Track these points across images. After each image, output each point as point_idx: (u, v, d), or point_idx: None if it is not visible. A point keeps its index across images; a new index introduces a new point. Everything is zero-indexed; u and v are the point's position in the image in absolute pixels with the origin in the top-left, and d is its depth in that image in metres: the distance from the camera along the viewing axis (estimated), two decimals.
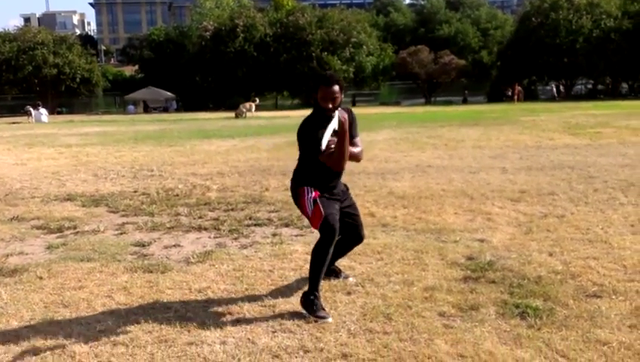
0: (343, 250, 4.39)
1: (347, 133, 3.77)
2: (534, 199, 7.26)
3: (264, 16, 51.56)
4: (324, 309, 3.81)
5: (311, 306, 3.80)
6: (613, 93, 51.66)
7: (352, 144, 3.98)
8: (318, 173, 3.98)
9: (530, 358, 3.13)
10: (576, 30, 49.57)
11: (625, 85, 55.11)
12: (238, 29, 48.60)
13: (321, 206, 3.91)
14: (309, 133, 3.89)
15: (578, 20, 49.83)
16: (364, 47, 50.94)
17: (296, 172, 4.16)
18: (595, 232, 5.63)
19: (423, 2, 77.24)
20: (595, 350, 3.20)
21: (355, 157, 4.07)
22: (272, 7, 56.65)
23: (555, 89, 54.87)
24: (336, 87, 3.82)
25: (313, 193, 3.96)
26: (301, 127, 3.98)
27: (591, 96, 51.89)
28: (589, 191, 7.60)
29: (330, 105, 3.81)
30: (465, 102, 49.32)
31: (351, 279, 4.46)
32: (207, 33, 49.65)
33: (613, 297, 3.94)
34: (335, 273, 4.48)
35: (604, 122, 18.85)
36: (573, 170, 9.39)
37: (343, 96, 3.92)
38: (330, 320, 3.71)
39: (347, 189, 4.33)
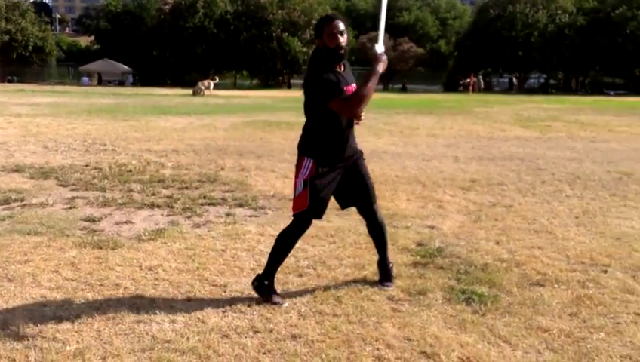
0: (376, 237, 4.06)
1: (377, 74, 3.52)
2: (484, 188, 7.42)
3: None
4: (278, 294, 3.77)
5: (266, 291, 3.74)
6: (564, 88, 53.08)
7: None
8: (326, 137, 3.67)
9: (474, 342, 3.22)
10: (532, 24, 50.65)
11: (576, 81, 56.66)
12: (198, 4, 47.86)
13: (308, 193, 3.63)
14: (323, 78, 3.53)
15: (534, 14, 50.90)
16: None
17: (303, 135, 3.76)
18: (540, 223, 5.81)
19: None
20: (537, 336, 3.31)
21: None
22: None
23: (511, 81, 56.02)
24: (341, 23, 3.56)
25: (309, 170, 3.62)
26: (311, 75, 3.61)
27: (543, 90, 53.21)
28: (536, 183, 7.82)
29: (341, 40, 3.53)
30: (404, 90, 49.65)
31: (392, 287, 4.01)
32: (167, 7, 48.74)
33: (556, 286, 4.08)
34: (386, 275, 4.07)
35: (555, 116, 19.38)
36: (522, 161, 9.63)
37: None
38: (286, 305, 3.68)
39: (361, 154, 3.94)
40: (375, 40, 3.69)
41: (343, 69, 3.70)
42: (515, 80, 56.29)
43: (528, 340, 3.27)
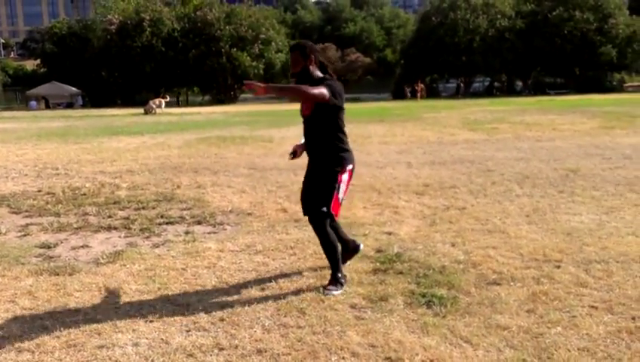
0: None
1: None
2: (437, 192, 7.58)
3: (171, 10, 50.54)
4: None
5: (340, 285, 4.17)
6: (508, 90, 54.53)
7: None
8: (343, 139, 4.34)
9: (437, 345, 3.30)
10: (474, 29, 51.98)
11: (519, 83, 58.28)
12: (144, 23, 47.40)
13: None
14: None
15: (475, 20, 52.24)
16: (273, 43, 51.04)
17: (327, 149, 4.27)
18: (493, 223, 5.97)
19: (328, 0, 78.25)
20: (497, 334, 3.42)
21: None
22: (179, 1, 55.55)
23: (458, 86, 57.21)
24: (296, 52, 4.16)
25: (348, 179, 4.34)
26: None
27: (488, 93, 54.56)
28: (487, 184, 8.03)
29: (292, 70, 4.17)
30: (405, 97, 49.99)
31: (334, 293, 4.18)
32: (113, 27, 48.09)
33: (512, 284, 4.21)
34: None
35: (501, 118, 19.90)
36: (472, 164, 9.87)
37: (315, 58, 4.17)
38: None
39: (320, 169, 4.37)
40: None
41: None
42: (461, 84, 57.56)
43: (489, 339, 3.37)
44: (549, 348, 3.24)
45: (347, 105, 4.51)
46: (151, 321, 3.72)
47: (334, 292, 4.09)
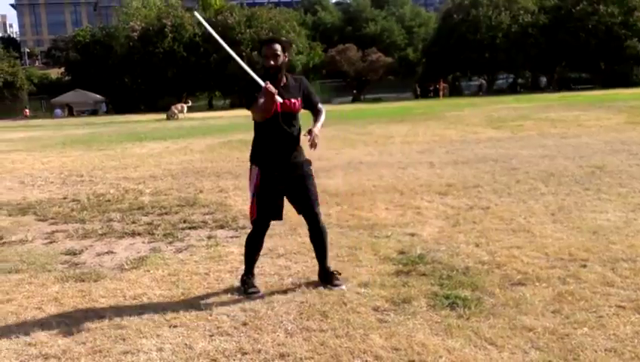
0: (315, 245, 4.39)
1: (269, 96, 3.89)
2: (460, 192, 7.52)
3: (192, 15, 50.91)
4: (254, 286, 4.23)
5: (246, 284, 4.23)
6: (532, 87, 53.93)
7: (317, 111, 4.31)
8: (266, 142, 4.14)
9: (461, 347, 3.27)
10: (496, 26, 51.52)
11: (543, 79, 57.61)
12: (166, 29, 47.91)
13: (256, 202, 4.15)
14: (247, 88, 4.06)
15: (497, 16, 51.79)
16: (294, 45, 51.08)
17: (252, 142, 4.28)
18: (518, 222, 5.90)
19: (349, 1, 78.17)
20: (522, 336, 3.37)
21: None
22: (200, 6, 55.99)
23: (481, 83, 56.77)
24: (277, 45, 4.04)
25: (255, 179, 4.14)
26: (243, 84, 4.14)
27: (512, 90, 53.99)
28: (511, 183, 7.94)
29: (272, 63, 4.00)
30: (417, 97, 49.87)
31: (343, 287, 4.24)
32: (135, 33, 48.68)
33: (537, 284, 4.15)
34: (328, 279, 4.32)
35: (525, 115, 19.68)
36: (496, 162, 9.77)
37: (288, 57, 4.13)
38: (260, 293, 4.15)
39: (309, 165, 4.29)
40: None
41: (283, 84, 4.11)
42: (483, 82, 57.08)
43: (514, 340, 3.32)
44: (575, 350, 3.19)
45: (368, 106, 4.53)
46: (175, 326, 3.74)
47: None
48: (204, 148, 13.74)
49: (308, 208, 4.28)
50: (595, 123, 15.92)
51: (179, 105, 31.81)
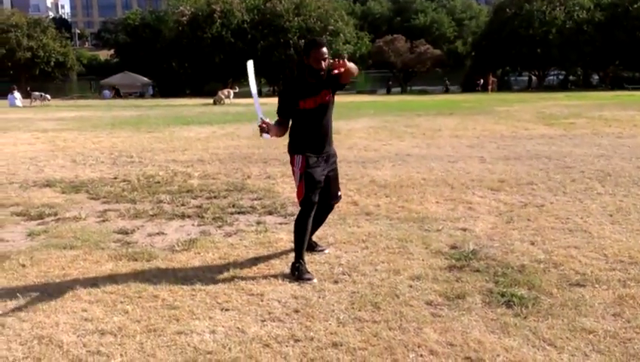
0: (316, 221, 4.64)
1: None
2: (513, 188, 7.35)
3: (241, 2, 51.14)
4: (308, 272, 4.30)
5: (296, 272, 4.27)
6: (584, 84, 52.50)
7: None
8: (304, 133, 4.39)
9: (519, 346, 3.18)
10: (550, 21, 50.20)
11: (596, 76, 56.04)
12: (215, 15, 48.16)
13: (304, 183, 4.34)
14: (287, 95, 4.41)
15: (551, 12, 50.46)
16: (341, 35, 50.84)
17: (289, 135, 4.48)
18: (574, 222, 5.73)
19: None
20: (582, 338, 3.26)
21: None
22: None
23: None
24: (325, 49, 4.27)
25: (300, 164, 4.37)
26: (283, 83, 4.35)
27: (563, 86, 52.69)
28: (566, 181, 7.72)
29: (323, 65, 4.22)
30: (447, 91, 49.22)
31: (327, 251, 4.87)
32: (184, 18, 49.09)
33: (596, 286, 4.01)
34: (311, 246, 4.78)
35: (577, 113, 19.14)
36: (550, 160, 9.52)
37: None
38: (315, 281, 4.20)
39: (335, 157, 4.64)
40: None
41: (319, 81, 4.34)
42: (534, 77, 55.85)
43: (573, 342, 3.22)
44: (638, 354, 3.08)
45: (415, 97, 4.51)
46: (226, 310, 3.75)
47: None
48: (251, 135, 13.77)
49: (330, 200, 4.67)
50: None
51: (225, 91, 31.99)
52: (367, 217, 6.05)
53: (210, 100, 31.43)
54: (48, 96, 33.85)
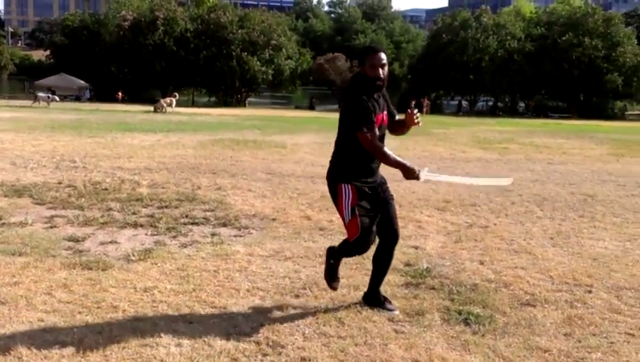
0: (379, 265, 4.14)
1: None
2: (458, 209, 7.59)
3: (185, 10, 50.69)
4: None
5: (380, 302, 4.03)
6: (510, 111, 54.67)
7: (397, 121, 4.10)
8: (358, 159, 3.85)
9: None
10: (483, 49, 52.28)
11: (522, 104, 58.56)
12: (158, 22, 47.60)
13: (359, 219, 3.78)
14: (359, 102, 3.76)
15: (485, 40, 52.54)
16: (284, 50, 51.16)
17: (333, 161, 3.95)
18: (518, 243, 5.98)
19: (340, 11, 78.59)
20: (538, 356, 3.43)
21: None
22: (194, 2, 55.77)
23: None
24: (383, 55, 3.80)
25: (351, 195, 3.79)
26: (349, 97, 3.83)
27: (492, 112, 54.66)
28: (507, 204, 8.04)
29: (381, 73, 3.77)
30: (312, 108, 48.43)
31: (396, 312, 4.01)
32: (126, 23, 48.22)
33: (546, 306, 4.22)
34: (380, 302, 4.08)
35: (510, 138, 19.94)
36: None
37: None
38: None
39: (384, 181, 4.12)
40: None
41: (378, 96, 3.89)
42: (465, 103, 57.74)
43: (531, 361, 3.38)
44: None
45: None
46: (190, 322, 3.73)
47: None
48: (196, 145, 13.66)
49: (392, 228, 4.06)
50: (580, 152, 16.18)
51: (167, 99, 31.60)
52: (322, 232, 6.13)
53: (150, 107, 30.91)
54: None
